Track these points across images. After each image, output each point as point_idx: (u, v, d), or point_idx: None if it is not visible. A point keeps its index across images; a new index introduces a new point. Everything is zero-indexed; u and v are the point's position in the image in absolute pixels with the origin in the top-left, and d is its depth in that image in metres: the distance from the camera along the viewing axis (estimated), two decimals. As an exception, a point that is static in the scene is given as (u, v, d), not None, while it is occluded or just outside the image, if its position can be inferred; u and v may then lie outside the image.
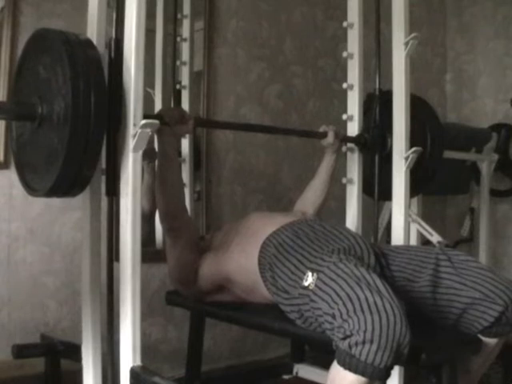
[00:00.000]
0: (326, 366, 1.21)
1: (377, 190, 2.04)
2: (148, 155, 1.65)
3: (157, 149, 1.60)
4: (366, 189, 2.09)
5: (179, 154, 2.24)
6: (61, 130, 1.27)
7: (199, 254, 1.69)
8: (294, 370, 2.24)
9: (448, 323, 1.43)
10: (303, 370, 2.22)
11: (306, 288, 1.31)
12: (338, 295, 1.19)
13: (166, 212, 1.62)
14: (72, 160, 1.26)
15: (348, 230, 1.59)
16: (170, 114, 1.56)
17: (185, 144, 2.28)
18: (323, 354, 1.24)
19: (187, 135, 2.24)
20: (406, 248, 1.62)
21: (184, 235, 1.66)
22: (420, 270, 1.46)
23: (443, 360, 1.32)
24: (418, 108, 2.10)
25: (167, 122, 1.53)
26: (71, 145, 1.24)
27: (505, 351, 1.56)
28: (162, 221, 1.65)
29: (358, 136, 2.04)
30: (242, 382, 2.29)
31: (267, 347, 2.70)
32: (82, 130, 1.25)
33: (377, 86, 2.08)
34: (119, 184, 1.36)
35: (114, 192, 1.41)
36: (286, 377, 2.26)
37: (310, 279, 1.31)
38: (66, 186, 1.31)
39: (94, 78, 1.27)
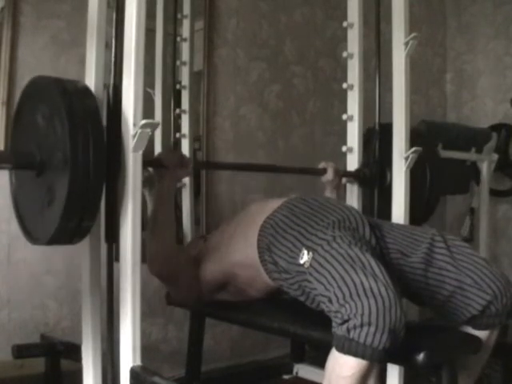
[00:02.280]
0: (326, 366, 1.21)
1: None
2: (148, 183, 1.68)
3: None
4: None
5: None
6: (60, 180, 1.27)
7: (196, 263, 1.69)
8: (294, 370, 2.24)
9: (437, 304, 1.44)
10: (303, 370, 2.22)
11: (302, 266, 1.32)
12: (333, 277, 1.20)
13: (156, 256, 1.60)
14: (71, 212, 1.26)
15: (342, 203, 1.59)
16: (169, 158, 1.59)
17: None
18: (323, 354, 1.24)
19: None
20: (403, 225, 1.64)
21: (175, 277, 1.65)
22: (414, 246, 1.46)
23: (443, 360, 1.32)
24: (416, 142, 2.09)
25: (166, 166, 1.56)
26: (70, 196, 1.24)
27: (504, 351, 1.56)
28: (151, 266, 1.62)
29: (358, 171, 2.06)
30: (242, 382, 2.29)
31: (267, 347, 2.70)
32: (81, 181, 1.25)
33: (376, 121, 2.09)
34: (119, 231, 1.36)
35: (113, 238, 1.42)
36: (286, 377, 2.26)
37: (305, 257, 1.32)
38: (66, 236, 1.31)
39: (92, 129, 1.27)
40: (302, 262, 1.33)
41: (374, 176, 2.05)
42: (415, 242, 1.48)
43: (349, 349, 1.12)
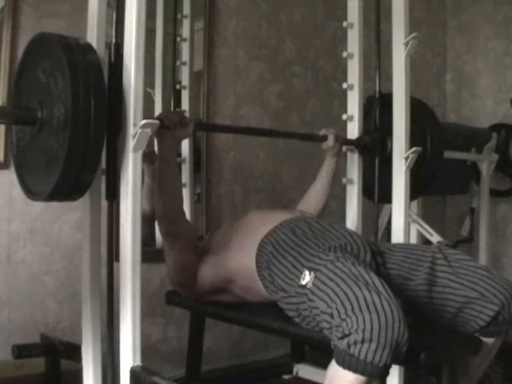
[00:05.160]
0: (326, 366, 1.21)
1: (377, 192, 2.05)
2: (148, 158, 1.66)
3: (157, 152, 1.60)
4: (366, 191, 2.09)
5: (179, 155, 2.24)
6: (61, 134, 1.27)
7: (198, 255, 1.69)
8: (294, 370, 2.24)
9: (444, 322, 1.43)
10: (303, 370, 2.22)
11: (304, 287, 1.31)
12: (336, 294, 1.19)
13: (163, 215, 1.62)
14: (72, 165, 1.26)
15: (345, 228, 1.59)
16: (169, 118, 1.56)
17: (185, 145, 2.29)
18: (323, 354, 1.24)
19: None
20: (403, 246, 1.62)
21: (181, 239, 1.65)
22: (416, 268, 1.46)
23: (443, 360, 1.32)
24: (418, 110, 2.10)
25: (167, 126, 1.53)
26: (71, 150, 1.24)
27: (505, 351, 1.56)
28: (159, 224, 1.66)
29: (358, 139, 2.05)
30: (242, 382, 2.29)
31: (267, 347, 2.70)
32: (82, 135, 1.25)
33: (377, 89, 2.08)
34: (119, 186, 1.36)
35: (114, 195, 1.41)
36: (285, 377, 2.26)
37: (307, 278, 1.31)
38: (65, 190, 1.31)
39: (94, 82, 1.27)
40: (303, 282, 1.32)
41: (375, 144, 2.03)
42: (417, 262, 1.48)
43: (349, 364, 1.11)
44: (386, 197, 2.00)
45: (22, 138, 1.45)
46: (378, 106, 2.06)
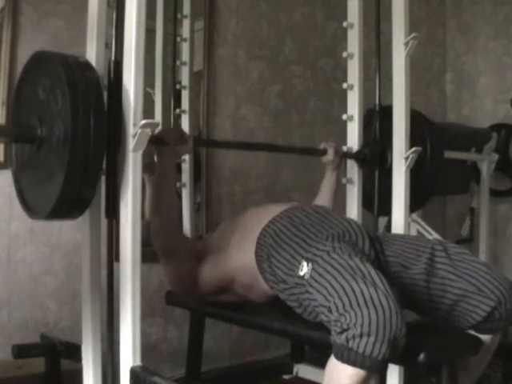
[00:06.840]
0: (326, 366, 1.21)
1: (376, 204, 2.05)
2: (149, 168, 1.68)
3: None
4: (366, 203, 2.09)
5: (179, 170, 2.23)
6: (60, 152, 1.27)
7: (196, 260, 1.68)
8: (294, 370, 2.25)
9: (440, 314, 1.43)
10: (303, 370, 2.22)
11: (302, 278, 1.32)
12: (334, 288, 1.19)
13: (159, 229, 1.61)
14: (72, 183, 1.27)
15: (342, 216, 1.59)
16: (169, 135, 1.58)
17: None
18: (323, 354, 1.24)
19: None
20: (403, 236, 1.63)
21: (175, 255, 1.65)
22: (415, 257, 1.46)
23: (443, 360, 1.32)
24: (417, 123, 2.10)
25: (167, 143, 1.55)
26: (71, 167, 1.25)
27: (505, 351, 1.56)
28: (154, 240, 1.64)
29: (358, 152, 2.05)
30: (242, 382, 2.29)
31: (267, 347, 2.70)
32: (82, 153, 1.25)
33: (377, 102, 2.09)
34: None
35: (114, 214, 1.41)
36: (285, 377, 2.26)
37: (305, 269, 1.32)
38: (66, 208, 1.32)
39: (94, 100, 1.28)
40: (301, 273, 1.32)
41: (375, 157, 2.04)
42: (416, 252, 1.47)
43: (348, 358, 1.12)
44: (386, 209, 2.00)
45: (22, 155, 1.45)
46: (377, 119, 2.07)
